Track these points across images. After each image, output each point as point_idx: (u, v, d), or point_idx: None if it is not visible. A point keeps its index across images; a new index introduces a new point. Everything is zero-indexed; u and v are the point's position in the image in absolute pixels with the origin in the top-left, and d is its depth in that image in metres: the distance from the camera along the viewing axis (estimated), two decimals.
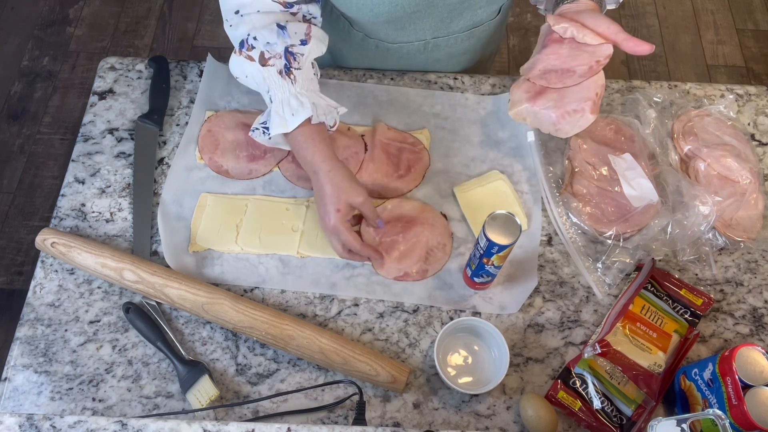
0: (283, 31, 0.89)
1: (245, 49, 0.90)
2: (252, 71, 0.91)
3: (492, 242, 0.83)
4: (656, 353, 0.87)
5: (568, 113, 0.92)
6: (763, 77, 2.34)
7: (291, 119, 0.88)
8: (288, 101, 0.89)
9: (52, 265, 0.95)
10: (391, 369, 0.86)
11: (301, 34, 0.91)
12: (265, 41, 0.89)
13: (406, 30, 1.03)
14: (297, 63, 0.90)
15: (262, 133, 0.94)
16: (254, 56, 0.90)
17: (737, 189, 1.02)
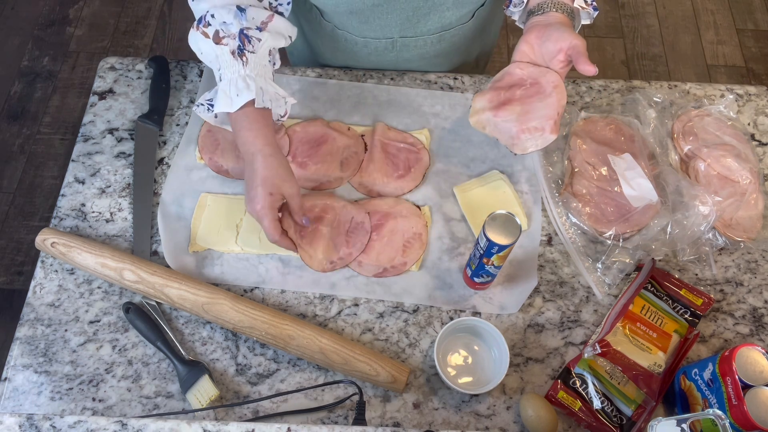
0: (241, 13, 0.89)
1: (202, 25, 0.90)
2: (206, 48, 0.90)
3: (492, 242, 0.83)
4: (656, 353, 0.87)
5: (528, 129, 0.92)
6: (763, 77, 2.34)
7: (236, 99, 0.88)
8: (236, 81, 0.88)
9: (52, 265, 0.95)
10: (391, 369, 0.86)
11: (258, 21, 0.90)
12: (222, 20, 0.89)
13: (371, 24, 1.03)
14: (252, 47, 0.90)
15: (207, 110, 0.93)
16: (209, 33, 0.89)
17: (737, 189, 1.02)
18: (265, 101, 0.89)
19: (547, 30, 0.91)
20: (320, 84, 1.12)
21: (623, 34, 2.44)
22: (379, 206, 1.00)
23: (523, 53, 0.94)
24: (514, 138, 0.93)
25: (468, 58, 1.21)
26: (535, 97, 0.93)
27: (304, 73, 1.13)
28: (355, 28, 1.05)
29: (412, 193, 1.03)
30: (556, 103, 0.92)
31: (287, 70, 1.13)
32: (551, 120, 0.91)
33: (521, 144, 0.93)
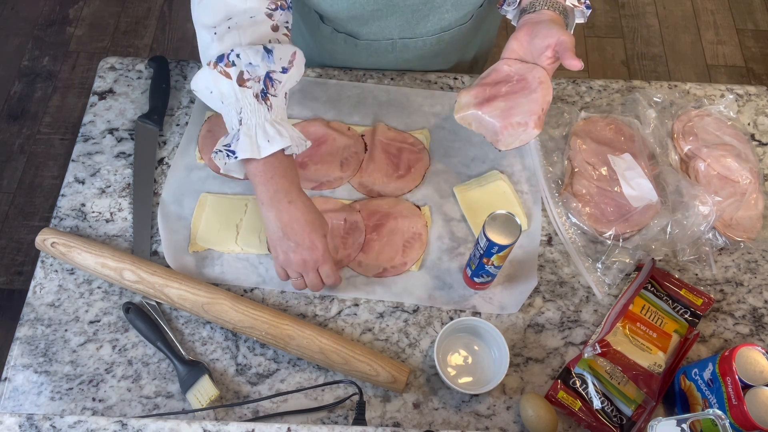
0: (269, 54, 0.85)
1: (223, 64, 0.84)
2: (225, 89, 0.85)
3: (492, 242, 0.83)
4: (656, 353, 0.87)
5: (512, 125, 0.92)
6: (763, 77, 2.34)
7: (266, 145, 0.84)
8: (263, 127, 0.84)
9: (52, 265, 0.95)
10: (391, 369, 0.86)
11: (285, 60, 0.87)
12: (248, 61, 0.84)
13: (371, 27, 1.03)
14: (274, 90, 0.86)
15: (226, 156, 0.85)
16: (232, 74, 0.84)
17: (737, 189, 1.02)
18: (292, 149, 0.87)
19: (537, 27, 0.91)
20: (320, 84, 1.12)
21: (623, 34, 2.44)
22: (379, 206, 1.00)
23: (512, 50, 0.94)
24: (498, 134, 0.93)
25: (467, 57, 1.21)
26: (520, 93, 0.92)
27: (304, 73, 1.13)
28: (355, 31, 1.05)
29: (412, 193, 1.03)
30: (541, 98, 0.91)
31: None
32: (534, 115, 0.91)
33: (505, 140, 0.93)
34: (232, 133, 0.86)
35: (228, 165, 0.87)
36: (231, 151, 0.85)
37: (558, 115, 1.09)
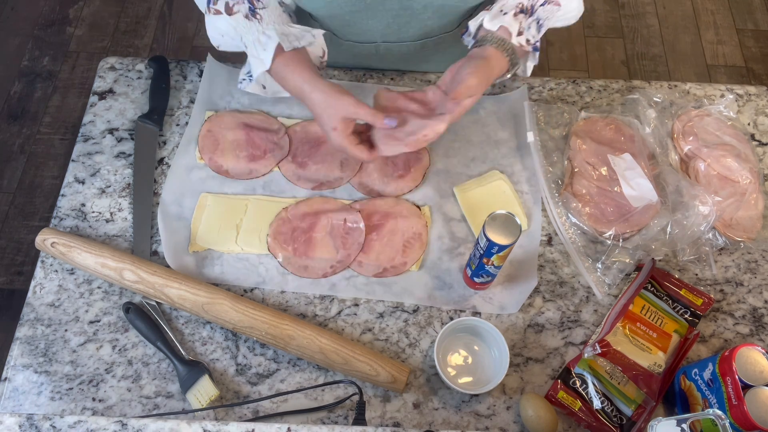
0: None
1: (212, 4, 0.91)
2: (223, 25, 0.91)
3: (492, 242, 0.83)
4: (656, 353, 0.87)
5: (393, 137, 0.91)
6: (763, 77, 2.34)
7: (264, 54, 0.89)
8: (258, 39, 0.89)
9: (52, 265, 0.95)
10: (391, 369, 0.86)
11: None
12: None
13: (353, 28, 1.03)
14: (261, 3, 0.91)
15: (249, 82, 0.94)
16: (221, 8, 0.90)
17: (737, 189, 1.02)
18: (293, 42, 0.90)
19: (466, 62, 0.91)
20: None
21: (623, 34, 2.44)
22: (379, 206, 1.00)
23: (443, 80, 0.94)
24: (379, 138, 0.93)
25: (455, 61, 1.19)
26: (419, 118, 0.92)
27: None
28: (339, 31, 1.06)
29: (412, 193, 1.03)
30: (428, 128, 0.89)
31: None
32: (413, 136, 0.90)
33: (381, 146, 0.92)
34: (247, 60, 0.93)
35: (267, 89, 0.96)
36: (250, 76, 0.94)
37: (558, 115, 1.09)
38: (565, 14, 0.98)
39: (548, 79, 1.15)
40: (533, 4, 0.93)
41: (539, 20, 0.94)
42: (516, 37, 0.92)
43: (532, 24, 0.94)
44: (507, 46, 0.92)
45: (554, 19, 0.97)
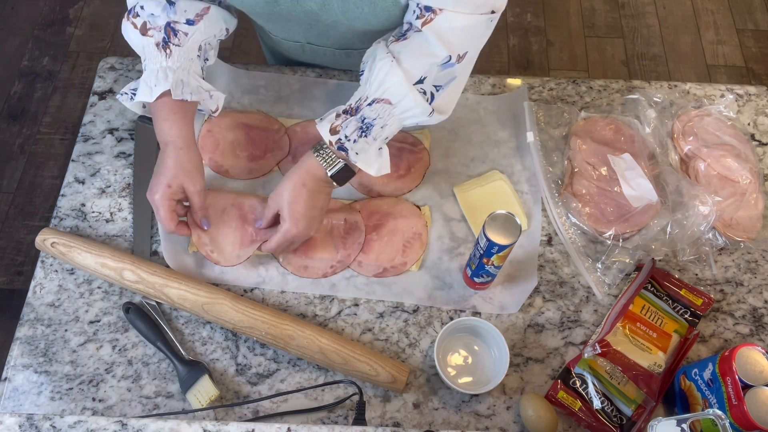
0: (171, 6, 0.89)
1: (132, 16, 0.90)
2: (134, 38, 0.91)
3: (492, 242, 0.83)
4: (656, 353, 0.87)
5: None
6: (763, 77, 2.34)
7: (154, 89, 0.88)
8: (156, 72, 0.89)
9: (52, 265, 0.95)
10: (391, 369, 0.86)
11: (191, 13, 0.90)
12: (150, 12, 0.89)
13: (277, 26, 1.03)
14: (177, 39, 0.90)
15: (130, 99, 0.92)
16: (137, 24, 0.90)
17: (737, 189, 1.02)
18: (185, 94, 0.89)
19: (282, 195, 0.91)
20: (320, 84, 1.12)
21: (623, 34, 2.44)
22: (379, 206, 1.00)
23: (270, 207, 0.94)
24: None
25: None
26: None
27: (304, 73, 1.13)
28: (266, 26, 1.06)
29: (412, 193, 1.03)
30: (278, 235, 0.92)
31: (287, 70, 1.13)
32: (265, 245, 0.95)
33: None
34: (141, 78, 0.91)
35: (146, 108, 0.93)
36: (134, 93, 0.92)
37: (558, 115, 1.09)
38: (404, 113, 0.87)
39: (548, 79, 1.15)
40: (359, 105, 0.87)
41: (365, 119, 0.86)
42: (329, 135, 0.87)
43: (350, 123, 0.87)
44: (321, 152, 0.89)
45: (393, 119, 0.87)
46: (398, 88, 0.85)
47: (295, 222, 0.89)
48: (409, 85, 0.85)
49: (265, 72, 1.12)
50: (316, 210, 0.91)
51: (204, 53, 0.94)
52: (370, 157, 0.88)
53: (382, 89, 0.86)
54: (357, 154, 0.87)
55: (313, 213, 0.91)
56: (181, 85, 0.89)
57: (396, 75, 0.85)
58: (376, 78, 0.86)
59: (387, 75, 0.85)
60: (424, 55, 0.84)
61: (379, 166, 0.89)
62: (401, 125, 0.89)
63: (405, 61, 0.85)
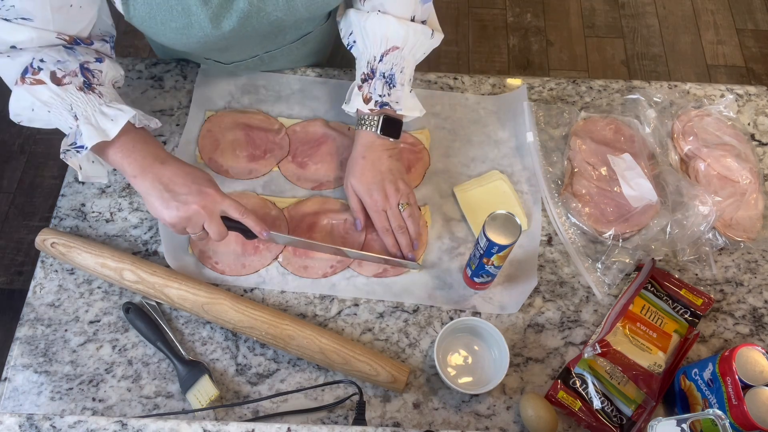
0: (72, 50, 0.83)
1: (30, 74, 0.80)
2: (45, 96, 0.81)
3: (492, 242, 0.83)
4: (656, 353, 0.87)
5: None
6: (763, 77, 2.34)
7: (111, 125, 0.81)
8: (100, 111, 0.82)
9: (52, 265, 0.95)
10: (391, 369, 0.86)
11: (91, 55, 0.86)
12: (55, 60, 0.81)
13: (232, 52, 1.02)
14: (97, 80, 0.84)
15: (76, 153, 0.82)
16: (44, 78, 0.80)
17: (737, 189, 1.02)
18: (142, 120, 0.86)
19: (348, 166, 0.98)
20: (320, 84, 1.12)
21: (623, 34, 2.44)
22: None
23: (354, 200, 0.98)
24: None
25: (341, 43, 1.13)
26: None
27: (304, 73, 1.13)
28: (219, 57, 1.05)
29: None
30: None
31: (287, 70, 1.13)
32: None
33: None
34: (72, 130, 0.83)
35: (85, 170, 0.86)
36: (79, 147, 0.81)
37: (558, 115, 1.09)
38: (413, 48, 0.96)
39: (548, 79, 1.15)
40: (373, 68, 0.96)
41: (384, 73, 0.95)
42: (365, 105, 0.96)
43: (375, 84, 0.95)
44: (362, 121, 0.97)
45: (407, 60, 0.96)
46: (398, 31, 0.94)
47: (369, 193, 0.95)
48: (407, 23, 0.94)
49: (265, 72, 1.12)
50: (384, 173, 0.95)
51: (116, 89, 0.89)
52: (407, 101, 0.98)
53: (385, 41, 0.94)
54: (397, 103, 0.96)
55: (382, 177, 0.95)
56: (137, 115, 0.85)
57: (390, 23, 0.93)
58: (373, 36, 0.95)
59: (381, 27, 0.94)
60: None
61: (419, 109, 1.00)
62: (415, 61, 0.98)
63: (391, 9, 0.94)
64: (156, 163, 0.84)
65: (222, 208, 0.86)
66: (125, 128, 0.83)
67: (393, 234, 0.95)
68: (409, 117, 0.99)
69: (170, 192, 0.83)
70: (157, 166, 0.84)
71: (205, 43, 0.91)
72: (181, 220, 0.84)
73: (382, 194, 0.95)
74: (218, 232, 0.86)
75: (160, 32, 0.88)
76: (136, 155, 0.84)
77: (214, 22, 0.87)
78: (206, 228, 0.85)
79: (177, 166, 0.86)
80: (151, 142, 0.86)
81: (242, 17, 0.88)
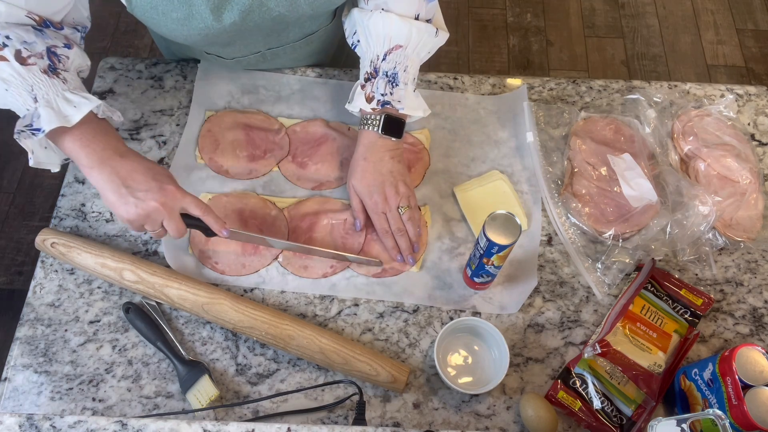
0: (41, 32, 0.81)
1: None
2: (5, 73, 0.78)
3: (492, 242, 0.83)
4: (656, 353, 0.87)
5: None
6: (763, 77, 2.34)
7: (74, 111, 0.79)
8: (63, 96, 0.80)
9: (52, 265, 0.95)
10: (391, 369, 0.86)
11: (60, 40, 0.84)
12: (22, 39, 0.79)
13: (234, 47, 1.02)
14: (63, 65, 0.82)
15: (31, 134, 0.79)
16: (7, 55, 0.78)
17: (737, 189, 1.02)
18: (106, 112, 0.84)
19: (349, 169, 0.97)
20: (320, 84, 1.12)
21: (623, 34, 2.44)
22: None
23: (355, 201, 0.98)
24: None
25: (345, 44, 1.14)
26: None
27: (304, 73, 1.13)
28: (221, 52, 1.05)
29: None
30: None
31: (287, 70, 1.13)
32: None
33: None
34: (30, 112, 0.79)
35: (37, 155, 0.83)
36: (35, 129, 0.78)
37: (558, 115, 1.09)
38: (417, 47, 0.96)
39: (548, 79, 1.15)
40: (376, 66, 0.95)
41: (387, 72, 0.95)
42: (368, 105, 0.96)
43: (378, 83, 0.95)
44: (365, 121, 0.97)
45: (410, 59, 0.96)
46: (401, 29, 0.93)
47: (369, 194, 0.95)
48: (410, 21, 0.93)
49: (265, 72, 1.12)
50: (385, 175, 0.95)
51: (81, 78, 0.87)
52: (411, 101, 0.97)
53: (387, 39, 0.94)
54: (400, 102, 0.96)
55: (383, 178, 0.95)
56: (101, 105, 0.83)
57: (393, 21, 0.93)
58: (376, 35, 0.94)
59: (385, 25, 0.93)
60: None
61: (423, 108, 0.99)
62: (419, 60, 0.98)
63: (395, 8, 0.93)
64: (115, 156, 0.81)
65: (182, 205, 0.84)
66: (87, 117, 0.80)
67: (392, 236, 0.95)
68: (414, 117, 0.99)
69: (128, 187, 0.81)
70: (116, 159, 0.81)
71: (207, 36, 0.91)
72: (139, 217, 0.81)
73: (382, 196, 0.95)
74: (177, 230, 0.84)
75: (161, 23, 0.88)
76: (95, 146, 0.81)
77: (215, 14, 0.87)
78: (165, 226, 0.83)
79: (137, 160, 0.83)
80: (112, 135, 0.84)
81: (244, 11, 0.88)
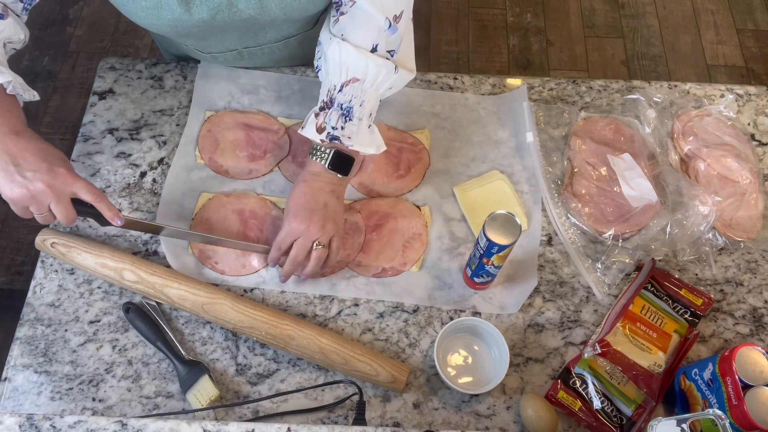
0: None
1: None
2: None
3: (492, 242, 0.83)
4: (656, 353, 0.87)
5: None
6: (763, 77, 2.34)
7: None
8: None
9: (52, 265, 0.95)
10: (391, 369, 0.86)
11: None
12: None
13: (209, 41, 1.01)
14: None
15: None
16: None
17: (737, 189, 1.02)
18: (17, 88, 0.81)
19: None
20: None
21: (623, 34, 2.44)
22: (379, 206, 1.00)
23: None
24: None
25: None
26: None
27: (304, 73, 1.13)
28: (195, 45, 1.04)
29: (412, 193, 1.03)
30: None
31: (287, 70, 1.13)
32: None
33: None
34: None
35: None
36: None
37: (558, 115, 1.09)
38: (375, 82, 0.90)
39: (548, 79, 1.15)
40: (332, 97, 0.90)
41: (342, 105, 0.90)
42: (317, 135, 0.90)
43: (332, 115, 0.89)
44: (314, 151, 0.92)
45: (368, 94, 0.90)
46: (357, 62, 0.88)
47: (294, 214, 0.90)
48: (366, 54, 0.88)
49: (266, 72, 1.12)
50: (319, 204, 0.90)
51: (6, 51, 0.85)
52: (363, 137, 0.91)
53: (344, 71, 0.89)
54: (350, 138, 0.90)
55: (315, 207, 0.90)
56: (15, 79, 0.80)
57: (349, 52, 0.88)
58: (333, 65, 0.90)
59: (341, 56, 0.89)
60: (367, 25, 0.88)
61: (376, 145, 0.93)
62: (378, 96, 0.92)
63: (352, 37, 0.89)
64: (10, 134, 0.78)
65: (73, 189, 0.80)
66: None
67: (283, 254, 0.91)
68: (366, 153, 0.93)
69: (17, 166, 0.77)
70: (10, 137, 0.78)
71: (176, 27, 0.90)
72: (24, 197, 0.78)
73: (305, 223, 0.89)
74: (66, 216, 0.81)
75: (132, 10, 0.88)
76: None
77: (183, 6, 0.87)
78: (53, 210, 0.80)
79: (32, 140, 0.79)
80: (14, 112, 0.80)
81: (212, 8, 0.88)
